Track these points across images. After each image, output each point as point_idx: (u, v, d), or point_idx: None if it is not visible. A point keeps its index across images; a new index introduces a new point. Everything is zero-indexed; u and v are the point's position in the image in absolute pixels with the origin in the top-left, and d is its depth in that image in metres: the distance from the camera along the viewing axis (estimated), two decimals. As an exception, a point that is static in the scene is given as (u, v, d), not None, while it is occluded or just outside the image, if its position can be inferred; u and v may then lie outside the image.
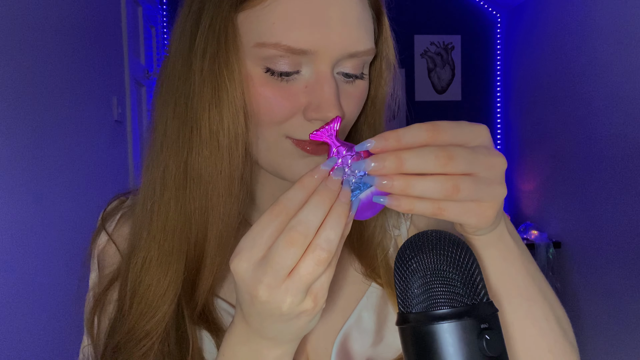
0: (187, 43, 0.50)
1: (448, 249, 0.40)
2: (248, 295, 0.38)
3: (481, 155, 0.38)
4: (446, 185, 0.36)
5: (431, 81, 3.77)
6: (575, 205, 2.78)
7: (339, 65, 0.49)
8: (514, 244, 0.47)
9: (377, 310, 0.60)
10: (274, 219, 0.37)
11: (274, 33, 0.45)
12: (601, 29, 2.52)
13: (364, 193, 0.39)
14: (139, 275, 0.51)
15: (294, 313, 0.38)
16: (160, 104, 0.52)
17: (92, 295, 0.59)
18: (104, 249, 0.60)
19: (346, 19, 0.47)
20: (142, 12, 3.35)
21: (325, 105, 0.47)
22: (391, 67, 0.57)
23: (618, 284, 2.41)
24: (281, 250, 0.36)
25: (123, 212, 0.62)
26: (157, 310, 0.51)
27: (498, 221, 0.44)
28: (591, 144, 2.62)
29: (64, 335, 1.87)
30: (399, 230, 0.65)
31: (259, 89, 0.47)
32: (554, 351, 0.49)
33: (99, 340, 0.56)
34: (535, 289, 0.48)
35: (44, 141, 1.85)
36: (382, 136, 0.37)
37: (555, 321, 0.50)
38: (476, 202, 0.39)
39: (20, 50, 1.68)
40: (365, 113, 0.57)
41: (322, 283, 0.39)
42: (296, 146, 0.49)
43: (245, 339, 0.43)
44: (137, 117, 3.23)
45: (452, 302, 0.38)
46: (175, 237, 0.51)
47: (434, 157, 0.36)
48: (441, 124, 0.37)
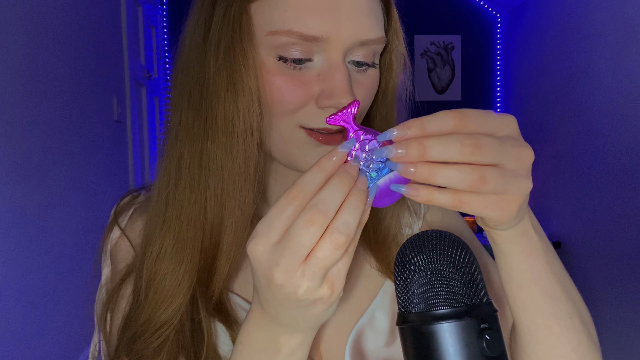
0: (201, 34, 0.50)
1: (448, 249, 0.40)
2: (264, 278, 0.37)
3: (509, 145, 0.36)
4: (472, 176, 0.35)
5: (431, 81, 3.77)
6: (575, 205, 2.78)
7: (350, 53, 0.49)
8: (539, 240, 0.45)
9: (390, 310, 0.59)
10: (291, 202, 0.36)
11: (287, 20, 0.46)
12: (601, 28, 2.52)
13: (382, 179, 0.38)
14: (154, 265, 0.51)
15: (310, 299, 0.37)
16: (175, 95, 0.53)
17: (105, 291, 0.58)
18: (116, 244, 0.60)
19: (357, 8, 0.47)
20: (142, 12, 3.35)
21: (338, 92, 0.47)
22: (401, 59, 0.57)
23: (618, 284, 2.41)
24: (300, 230, 0.35)
25: (135, 207, 0.62)
26: (172, 301, 0.50)
27: (522, 216, 0.42)
28: (591, 144, 2.62)
29: (65, 335, 1.87)
30: (411, 229, 0.65)
31: (272, 77, 0.48)
32: (578, 350, 0.48)
33: (112, 336, 0.56)
34: (560, 287, 0.47)
35: (43, 141, 1.85)
36: (405, 125, 0.36)
37: (579, 320, 0.48)
38: (499, 195, 0.37)
39: (20, 51, 1.68)
40: (377, 105, 0.57)
41: (339, 270, 0.37)
42: (309, 136, 0.50)
43: (262, 326, 0.42)
44: (137, 117, 3.23)
45: (452, 302, 0.38)
46: (190, 226, 0.51)
47: (460, 145, 0.34)
48: (468, 112, 0.36)
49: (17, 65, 1.66)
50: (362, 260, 0.61)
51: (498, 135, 0.37)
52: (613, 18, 2.43)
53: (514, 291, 0.46)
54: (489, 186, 0.35)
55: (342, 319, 0.58)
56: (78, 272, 2.05)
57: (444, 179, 0.35)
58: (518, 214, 0.40)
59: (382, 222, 0.61)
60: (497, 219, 0.38)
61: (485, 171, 0.35)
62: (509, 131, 0.37)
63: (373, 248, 0.61)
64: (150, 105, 3.51)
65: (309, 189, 0.36)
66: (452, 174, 0.35)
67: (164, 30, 3.56)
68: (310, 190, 0.36)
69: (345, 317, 0.58)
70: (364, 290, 0.60)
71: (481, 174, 0.35)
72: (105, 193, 2.50)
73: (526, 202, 0.41)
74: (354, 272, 0.61)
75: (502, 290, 0.50)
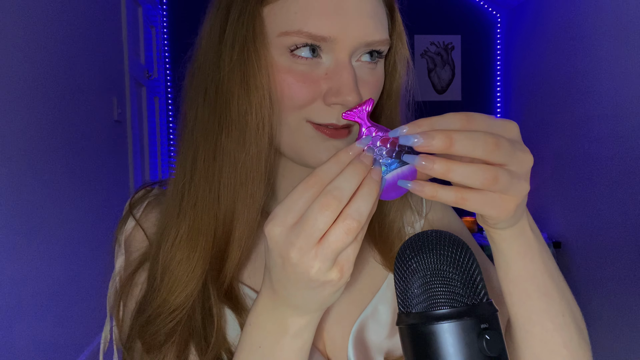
0: (217, 35, 0.54)
1: (448, 249, 0.40)
2: (280, 258, 0.40)
3: (517, 149, 0.39)
4: (487, 175, 0.37)
5: (431, 81, 3.77)
6: (576, 205, 2.78)
7: (356, 54, 0.52)
8: (535, 241, 0.48)
9: (392, 304, 0.62)
10: (308, 189, 0.39)
11: (297, 22, 0.49)
12: (601, 28, 2.52)
13: (390, 174, 0.41)
14: (170, 251, 0.54)
15: (320, 281, 0.39)
16: (191, 93, 0.57)
17: (119, 280, 0.61)
18: (131, 234, 0.63)
19: (362, 11, 0.50)
20: (142, 12, 3.34)
21: (344, 89, 0.50)
22: (404, 61, 0.60)
23: (618, 284, 2.41)
24: (315, 213, 0.37)
25: (149, 200, 0.65)
26: (186, 285, 0.53)
27: (520, 216, 0.44)
28: (591, 144, 2.62)
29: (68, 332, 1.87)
30: (413, 228, 0.68)
31: (283, 75, 0.51)
32: (569, 347, 0.51)
33: (124, 322, 0.58)
34: (554, 286, 0.49)
35: (43, 141, 1.85)
36: (415, 123, 0.38)
37: (571, 318, 0.51)
38: (499, 194, 0.39)
39: (20, 50, 1.68)
40: (382, 105, 0.61)
41: (348, 255, 0.40)
42: (316, 130, 0.53)
43: (270, 307, 0.45)
44: (137, 117, 3.22)
45: (452, 302, 0.38)
46: (205, 214, 0.54)
47: (484, 142, 0.37)
48: (475, 115, 0.39)
49: (17, 65, 1.66)
50: (366, 254, 0.63)
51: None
52: (613, 18, 2.43)
53: (511, 288, 0.49)
54: (498, 186, 0.38)
55: (346, 311, 0.60)
56: (78, 271, 2.05)
57: (460, 176, 0.37)
58: (516, 214, 0.42)
59: (387, 217, 0.63)
60: (496, 216, 0.41)
61: (498, 171, 0.37)
62: (512, 135, 0.40)
63: (377, 242, 0.63)
64: (150, 105, 3.51)
65: (326, 177, 0.39)
66: (469, 172, 0.37)
67: (164, 30, 3.56)
68: (327, 178, 0.39)
69: (349, 309, 0.61)
70: (368, 284, 0.62)
71: (495, 173, 0.37)
72: (105, 193, 2.50)
73: (524, 202, 0.43)
74: (359, 266, 0.62)
75: (500, 290, 0.52)
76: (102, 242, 2.34)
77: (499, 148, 0.37)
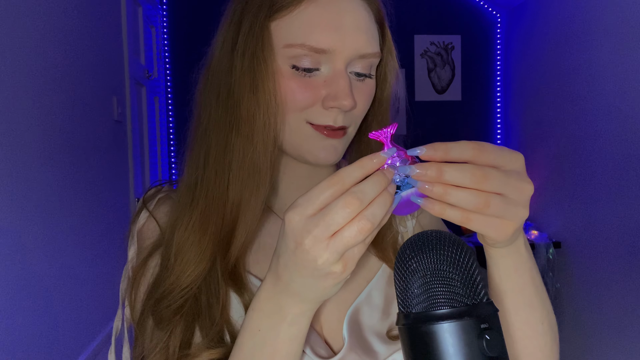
0: (229, 45, 0.61)
1: (448, 249, 0.40)
2: (293, 242, 0.43)
3: (513, 179, 0.43)
4: (478, 199, 0.41)
5: (431, 81, 3.77)
6: (575, 205, 2.78)
7: (351, 65, 0.60)
8: (528, 258, 0.53)
9: (385, 291, 0.68)
10: (331, 186, 0.42)
11: (300, 36, 0.57)
12: (601, 28, 2.52)
13: (405, 192, 0.44)
14: (184, 234, 0.61)
15: (325, 271, 0.43)
16: (205, 95, 0.64)
17: (131, 267, 0.67)
18: (144, 226, 0.69)
19: (358, 26, 0.58)
20: (142, 12, 3.34)
21: (341, 95, 0.57)
22: (394, 72, 0.68)
23: (618, 284, 2.41)
24: (338, 209, 0.41)
25: (160, 196, 0.71)
26: (197, 265, 0.59)
27: (516, 237, 0.50)
28: (591, 144, 2.62)
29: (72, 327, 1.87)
30: (405, 228, 0.73)
31: (287, 81, 0.58)
32: (544, 351, 0.58)
33: (137, 302, 0.64)
34: (537, 298, 0.55)
35: (43, 140, 1.85)
36: (432, 146, 0.43)
37: (549, 326, 0.58)
38: (500, 219, 0.43)
39: (20, 50, 1.68)
40: (374, 111, 0.68)
41: (354, 253, 0.43)
42: (315, 130, 0.60)
43: (272, 295, 0.49)
44: (137, 117, 3.22)
45: (452, 302, 0.38)
46: (215, 202, 0.60)
47: (471, 175, 0.41)
48: (486, 146, 0.43)
49: (17, 65, 1.66)
50: None
51: (506, 169, 0.43)
52: (613, 18, 2.43)
53: (500, 298, 0.55)
54: (491, 210, 0.42)
55: (343, 296, 0.66)
56: (79, 270, 2.06)
57: (454, 199, 0.42)
58: (513, 236, 0.47)
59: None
60: (494, 238, 0.45)
61: (490, 197, 0.42)
62: (517, 166, 0.44)
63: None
64: (150, 105, 3.51)
65: (348, 179, 0.42)
66: (462, 196, 0.41)
67: (164, 30, 3.56)
68: (349, 180, 0.42)
69: (345, 296, 0.66)
70: (363, 274, 0.69)
71: (486, 199, 0.42)
72: (105, 193, 2.50)
73: (521, 226, 0.48)
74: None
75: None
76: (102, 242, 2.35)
77: (488, 179, 0.41)
